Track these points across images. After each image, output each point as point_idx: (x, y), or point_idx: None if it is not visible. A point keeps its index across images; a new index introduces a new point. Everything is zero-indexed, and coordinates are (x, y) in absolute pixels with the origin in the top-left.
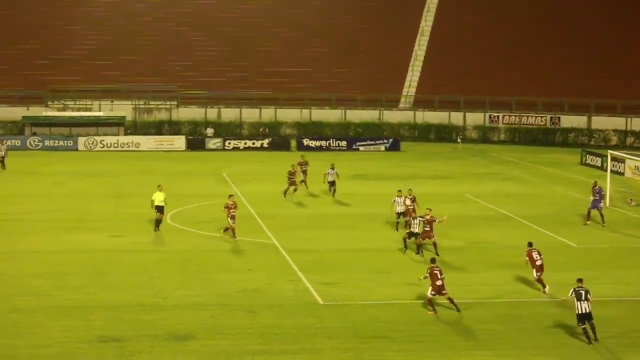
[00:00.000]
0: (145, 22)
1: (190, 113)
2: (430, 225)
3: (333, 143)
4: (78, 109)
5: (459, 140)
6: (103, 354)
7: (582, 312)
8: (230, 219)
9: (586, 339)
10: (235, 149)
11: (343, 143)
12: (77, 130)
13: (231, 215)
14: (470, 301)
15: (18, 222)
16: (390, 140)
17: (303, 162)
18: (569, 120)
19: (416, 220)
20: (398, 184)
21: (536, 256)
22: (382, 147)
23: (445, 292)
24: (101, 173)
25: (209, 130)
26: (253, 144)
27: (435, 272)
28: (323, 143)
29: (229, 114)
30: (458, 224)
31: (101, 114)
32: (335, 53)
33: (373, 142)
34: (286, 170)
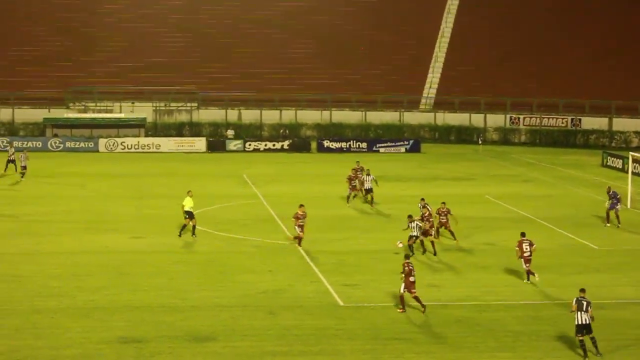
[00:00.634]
0: (169, 23)
1: (211, 115)
2: (446, 216)
3: (353, 144)
4: (99, 111)
5: (480, 142)
6: (123, 355)
7: (581, 323)
8: (297, 227)
9: (582, 352)
10: (256, 150)
11: (363, 145)
12: (98, 131)
13: (299, 225)
14: (491, 303)
15: (39, 223)
16: (411, 141)
17: (359, 169)
18: (590, 122)
19: (413, 224)
20: (418, 185)
21: (526, 247)
22: (403, 149)
23: (414, 290)
24: (122, 174)
25: (230, 132)
26: (273, 145)
27: (410, 269)
28: (343, 145)
29: (249, 115)
30: (478, 225)
31: (122, 115)
32: (356, 55)
33: (393, 144)
34: (345, 175)
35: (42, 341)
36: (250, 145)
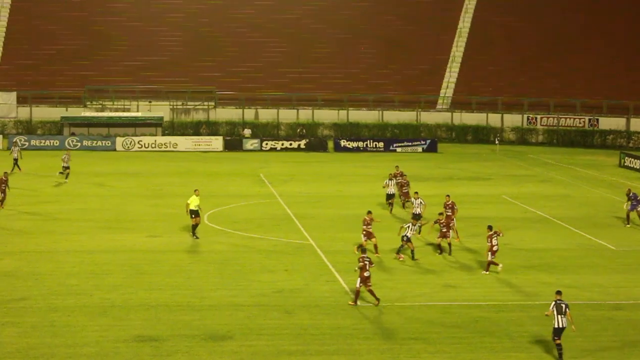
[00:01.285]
0: (178, 23)
1: (228, 114)
2: (452, 210)
3: (370, 144)
4: (116, 110)
5: (497, 142)
6: (140, 354)
7: (559, 327)
8: (364, 234)
9: (558, 355)
10: (273, 149)
11: (380, 144)
12: (115, 130)
13: (366, 232)
14: (508, 303)
15: (56, 222)
16: (428, 141)
17: (398, 174)
18: (607, 122)
19: (408, 225)
20: (435, 185)
21: (495, 241)
22: (420, 149)
23: (370, 284)
24: (139, 173)
25: (247, 131)
26: (290, 144)
27: (365, 263)
28: (360, 144)
29: (266, 114)
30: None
31: (139, 114)
32: (373, 54)
33: (410, 144)
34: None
35: (58, 339)
36: (267, 144)
